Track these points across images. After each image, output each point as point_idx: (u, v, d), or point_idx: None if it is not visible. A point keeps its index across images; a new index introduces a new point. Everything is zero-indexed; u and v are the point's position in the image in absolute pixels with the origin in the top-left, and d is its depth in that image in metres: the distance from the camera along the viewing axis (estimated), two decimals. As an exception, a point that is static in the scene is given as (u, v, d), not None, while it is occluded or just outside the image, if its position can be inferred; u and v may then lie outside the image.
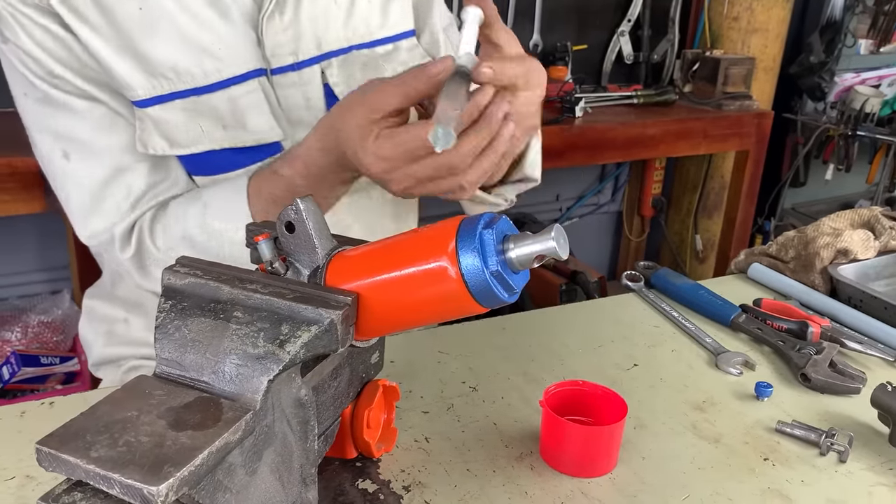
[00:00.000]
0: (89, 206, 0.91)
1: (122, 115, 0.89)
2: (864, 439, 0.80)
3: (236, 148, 0.91)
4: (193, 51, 0.87)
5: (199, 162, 0.92)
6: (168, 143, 0.89)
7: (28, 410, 0.79)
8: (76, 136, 0.89)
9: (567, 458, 0.72)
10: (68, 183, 0.91)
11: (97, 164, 0.90)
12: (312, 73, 0.93)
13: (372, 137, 0.74)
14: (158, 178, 0.92)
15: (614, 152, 2.47)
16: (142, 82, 0.86)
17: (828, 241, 1.12)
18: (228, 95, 0.89)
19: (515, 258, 0.55)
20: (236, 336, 0.54)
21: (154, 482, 0.44)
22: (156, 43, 0.85)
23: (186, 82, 0.87)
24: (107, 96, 0.88)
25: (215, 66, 0.88)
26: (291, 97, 0.93)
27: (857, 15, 3.11)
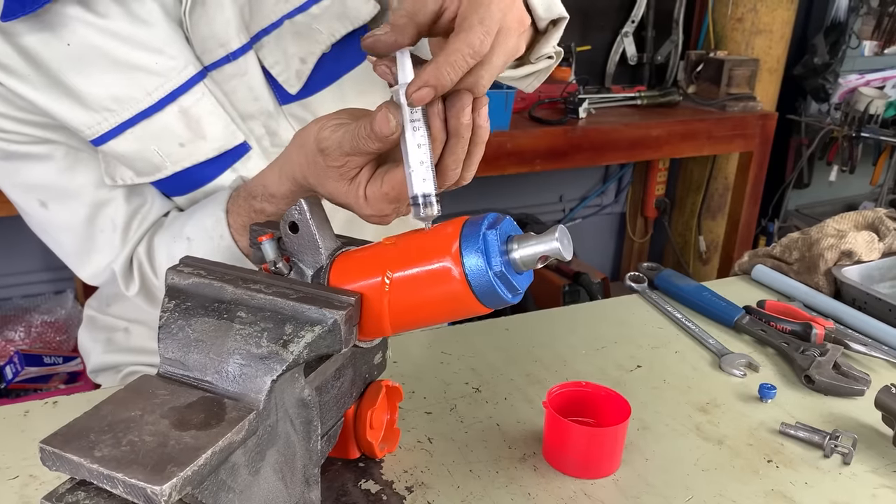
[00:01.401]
0: (82, 248, 0.90)
1: (84, 150, 0.87)
2: (867, 441, 0.79)
3: (202, 162, 0.87)
4: (128, 73, 0.82)
5: (170, 184, 0.89)
6: (134, 172, 0.87)
7: (31, 410, 0.79)
8: (47, 184, 0.87)
9: (570, 459, 0.72)
10: (54, 230, 0.90)
11: (76, 205, 0.88)
12: (248, 60, 0.86)
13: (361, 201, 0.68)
14: (137, 203, 0.90)
15: (618, 153, 2.47)
16: (86, 121, 0.82)
17: (832, 242, 1.11)
18: (178, 108, 0.84)
19: (519, 259, 0.55)
20: (240, 336, 0.54)
21: (157, 482, 0.44)
22: (88, 76, 0.81)
23: (131, 108, 0.83)
24: (63, 137, 0.85)
25: (155, 82, 0.83)
26: (235, 90, 0.87)
27: (861, 16, 3.10)
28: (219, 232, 0.83)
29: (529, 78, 0.89)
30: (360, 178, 0.67)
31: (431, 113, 0.61)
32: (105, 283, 0.94)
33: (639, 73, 2.95)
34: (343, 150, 0.65)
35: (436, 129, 0.61)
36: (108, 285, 0.95)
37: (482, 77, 0.61)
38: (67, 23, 0.79)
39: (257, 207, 0.81)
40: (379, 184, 0.66)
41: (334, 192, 0.69)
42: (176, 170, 0.87)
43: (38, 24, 0.79)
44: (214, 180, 0.89)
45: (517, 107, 2.33)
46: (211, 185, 0.90)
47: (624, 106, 2.58)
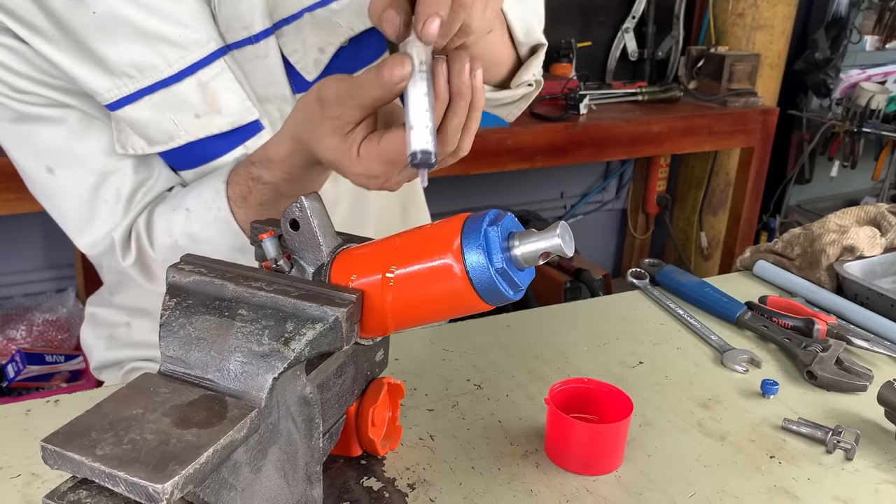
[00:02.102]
0: (84, 216, 0.90)
1: (98, 117, 0.87)
2: (870, 437, 0.79)
3: (215, 135, 0.89)
4: (152, 42, 0.83)
5: (180, 156, 0.90)
6: (146, 141, 0.87)
7: (33, 408, 0.79)
8: (57, 148, 0.87)
9: (572, 455, 0.72)
10: (58, 197, 0.90)
11: (83, 172, 0.88)
12: (269, 44, 0.89)
13: (353, 157, 0.68)
14: (144, 175, 0.90)
15: (619, 149, 2.47)
16: (106, 85, 0.83)
17: (834, 238, 1.11)
18: (197, 81, 0.86)
19: (521, 255, 0.55)
20: (241, 334, 0.54)
21: (159, 480, 0.44)
22: (112, 43, 0.82)
23: (151, 77, 0.84)
24: (78, 101, 0.86)
25: (177, 53, 0.84)
26: (255, 72, 0.90)
27: (862, 11, 3.10)
28: (217, 204, 0.84)
29: (510, 106, 0.92)
30: (355, 135, 0.67)
31: (436, 71, 0.61)
32: (102, 254, 0.93)
33: (639, 68, 2.95)
34: (341, 99, 0.65)
35: (440, 87, 0.62)
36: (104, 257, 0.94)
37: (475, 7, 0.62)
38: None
39: (255, 174, 0.82)
40: (375, 142, 0.66)
41: (328, 146, 0.69)
42: (189, 139, 0.88)
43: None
44: (225, 155, 0.91)
45: (518, 103, 2.32)
46: (221, 160, 0.91)
47: (625, 102, 2.58)
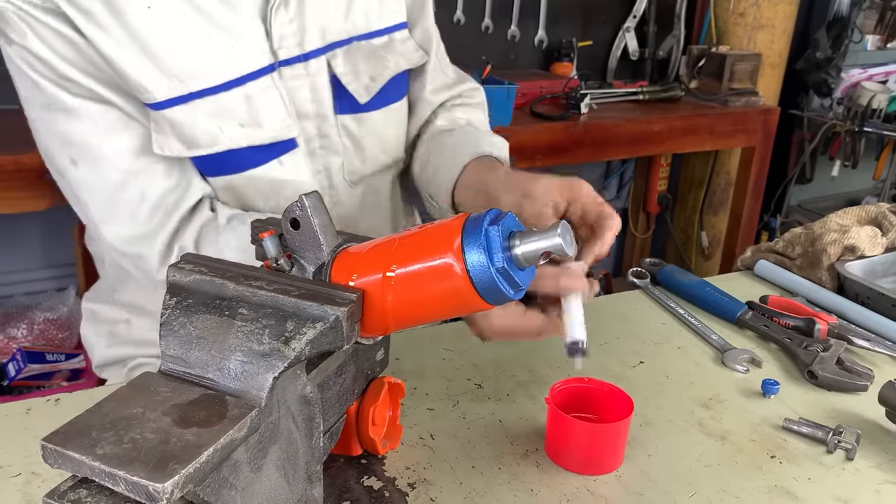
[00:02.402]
0: (104, 211, 0.90)
1: (135, 118, 0.88)
2: (871, 437, 0.79)
3: (253, 146, 0.91)
4: (207, 50, 0.86)
5: (216, 162, 0.91)
6: (184, 144, 0.87)
7: (34, 407, 0.79)
8: (84, 143, 0.86)
9: (573, 455, 0.72)
10: (81, 189, 0.90)
11: (108, 169, 0.87)
12: (319, 64, 0.93)
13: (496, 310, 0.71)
14: (172, 182, 0.90)
15: (620, 149, 2.46)
16: (158, 84, 0.84)
17: (835, 237, 1.11)
18: (244, 93, 0.88)
19: (521, 255, 0.55)
20: (241, 333, 0.54)
21: (159, 479, 0.44)
22: (169, 44, 0.84)
23: (201, 83, 0.86)
24: (119, 99, 0.86)
25: (230, 64, 0.87)
26: (300, 89, 0.93)
27: (864, 10, 3.09)
28: None
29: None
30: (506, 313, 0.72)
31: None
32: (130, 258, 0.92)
33: (640, 68, 2.95)
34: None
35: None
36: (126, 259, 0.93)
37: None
38: None
39: None
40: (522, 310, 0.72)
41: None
42: (231, 146, 0.89)
43: None
44: (259, 167, 0.93)
45: (518, 102, 2.32)
46: (254, 171, 0.93)
47: (626, 101, 2.58)
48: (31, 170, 1.61)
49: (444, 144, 1.01)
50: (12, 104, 0.90)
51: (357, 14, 0.96)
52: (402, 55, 1.02)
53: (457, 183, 0.93)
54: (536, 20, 2.72)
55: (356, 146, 1.01)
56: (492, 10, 2.62)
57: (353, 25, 0.96)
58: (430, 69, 1.08)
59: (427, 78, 1.08)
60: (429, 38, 1.08)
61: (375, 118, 1.01)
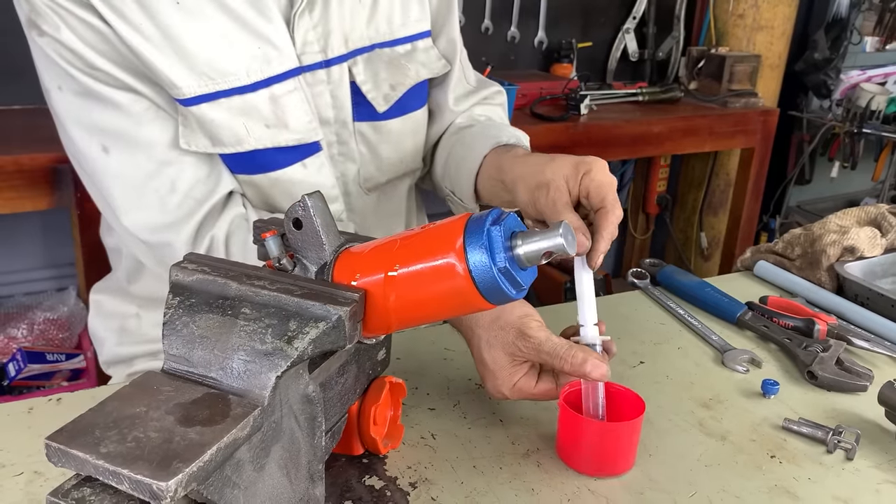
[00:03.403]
0: (132, 199, 0.89)
1: (165, 109, 0.88)
2: (871, 437, 0.79)
3: (278, 147, 0.91)
4: (236, 51, 0.86)
5: (241, 160, 0.91)
6: (211, 141, 0.88)
7: (36, 407, 0.79)
8: (117, 130, 0.87)
9: (585, 456, 0.72)
10: (108, 177, 0.89)
11: (141, 157, 0.88)
12: (341, 70, 0.94)
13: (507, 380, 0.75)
14: (202, 174, 0.90)
15: (619, 150, 2.46)
16: (187, 81, 0.85)
17: (834, 238, 1.11)
18: (270, 94, 0.89)
19: (523, 255, 0.55)
20: (244, 332, 0.54)
21: (163, 477, 0.44)
22: (198, 42, 0.85)
23: (229, 82, 0.86)
24: (149, 90, 0.87)
25: (257, 65, 0.87)
26: (319, 96, 0.93)
27: (863, 12, 3.10)
28: None
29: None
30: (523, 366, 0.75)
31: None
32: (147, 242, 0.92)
33: (640, 69, 2.95)
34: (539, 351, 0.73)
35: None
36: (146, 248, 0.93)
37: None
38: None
39: None
40: (532, 383, 0.75)
41: (496, 359, 0.76)
42: (256, 147, 0.90)
43: None
44: (284, 169, 0.93)
45: (519, 103, 2.32)
46: (278, 172, 0.93)
47: (625, 102, 2.58)
48: (32, 170, 1.61)
49: (464, 139, 1.02)
50: (12, 104, 0.90)
51: (380, 20, 0.97)
52: (423, 64, 1.02)
53: (478, 174, 0.94)
54: (536, 21, 2.73)
55: (373, 154, 1.01)
56: (492, 11, 2.62)
57: (375, 32, 0.96)
58: (453, 78, 1.08)
59: (450, 87, 1.08)
60: (454, 48, 1.07)
61: (393, 126, 1.01)
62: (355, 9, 0.94)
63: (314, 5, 0.90)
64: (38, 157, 0.90)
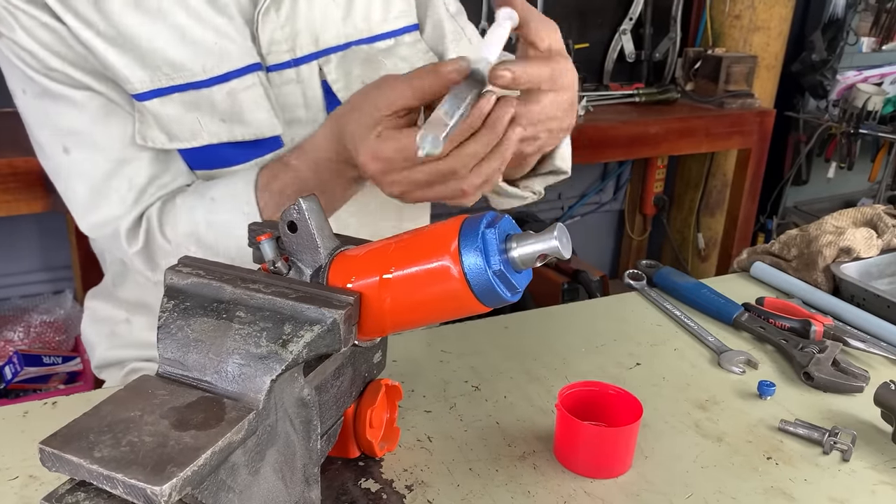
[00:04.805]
0: (92, 199, 0.90)
1: (121, 105, 0.88)
2: (867, 438, 0.79)
3: (235, 142, 0.90)
4: (191, 46, 0.86)
5: (199, 156, 0.91)
6: (167, 136, 0.88)
7: (31, 410, 0.79)
8: (76, 129, 0.88)
9: (582, 459, 0.72)
10: (70, 177, 0.90)
11: (99, 156, 0.89)
12: (310, 70, 0.92)
13: (373, 135, 0.73)
14: (160, 169, 0.91)
15: (616, 151, 2.47)
16: (139, 76, 0.85)
17: (830, 239, 1.11)
18: (228, 89, 0.88)
19: (518, 257, 0.55)
20: (239, 336, 0.54)
21: (157, 482, 0.44)
22: (152, 38, 0.84)
23: (185, 77, 0.86)
24: (105, 87, 0.87)
25: (213, 61, 0.87)
26: (289, 95, 0.92)
27: (859, 13, 3.11)
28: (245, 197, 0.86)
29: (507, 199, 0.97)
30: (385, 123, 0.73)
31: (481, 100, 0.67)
32: (105, 239, 0.94)
33: (637, 70, 2.95)
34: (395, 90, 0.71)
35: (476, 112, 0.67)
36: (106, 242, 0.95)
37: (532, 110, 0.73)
38: None
39: (284, 159, 0.86)
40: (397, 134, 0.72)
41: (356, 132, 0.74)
42: (211, 141, 0.89)
43: None
44: (240, 164, 0.92)
45: (515, 105, 2.32)
46: (237, 167, 0.92)
47: (622, 103, 2.58)
48: (27, 172, 1.61)
49: None
50: (3, 107, 0.91)
51: (357, 18, 0.95)
52: (404, 59, 0.99)
53: None
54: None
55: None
56: (488, 13, 2.63)
57: (353, 29, 0.95)
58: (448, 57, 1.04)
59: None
60: (441, 33, 1.04)
61: None
62: (328, 8, 0.93)
63: (280, 4, 0.89)
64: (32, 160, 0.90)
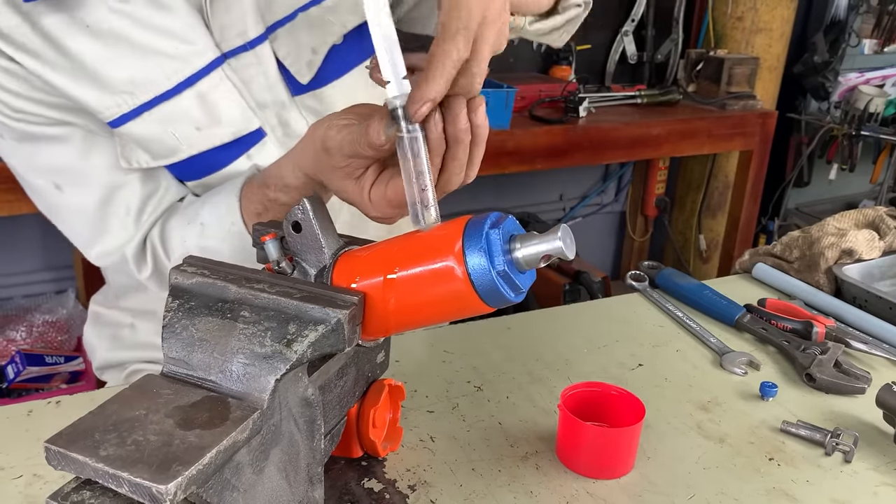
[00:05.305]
0: (93, 230, 0.90)
1: (100, 133, 0.87)
2: (869, 439, 0.80)
3: (218, 146, 0.89)
4: (148, 57, 0.83)
5: (185, 168, 0.90)
6: (150, 155, 0.87)
7: (35, 409, 0.79)
8: (62, 166, 0.87)
9: (584, 460, 0.72)
10: (68, 213, 0.90)
11: (91, 188, 0.88)
12: (264, 50, 0.88)
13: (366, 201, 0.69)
14: (152, 187, 0.90)
15: (618, 152, 2.47)
16: (105, 103, 0.83)
17: (832, 241, 1.11)
18: (196, 92, 0.85)
19: (522, 258, 0.55)
20: (243, 335, 0.54)
21: (163, 481, 0.44)
22: (109, 61, 0.82)
23: (149, 91, 0.84)
24: (80, 119, 0.85)
25: (175, 66, 0.84)
26: (252, 79, 0.89)
27: (861, 14, 3.10)
28: (230, 219, 0.85)
29: (558, 31, 0.90)
30: (364, 180, 0.68)
31: (428, 125, 0.61)
32: (113, 266, 0.93)
33: (639, 71, 2.95)
34: (344, 152, 0.67)
35: (434, 137, 0.61)
36: (116, 269, 0.94)
37: (475, 76, 0.62)
38: (87, 4, 0.80)
39: (271, 196, 0.82)
40: (383, 188, 0.67)
41: (341, 189, 0.70)
42: (192, 153, 0.88)
43: (58, 5, 0.79)
44: (229, 165, 0.91)
45: (517, 106, 2.33)
46: (226, 170, 0.91)
47: (624, 105, 2.58)
48: (31, 172, 1.61)
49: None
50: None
51: None
52: (351, 11, 0.91)
53: None
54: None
55: None
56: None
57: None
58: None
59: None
60: None
61: (337, 89, 0.93)
62: None
63: None
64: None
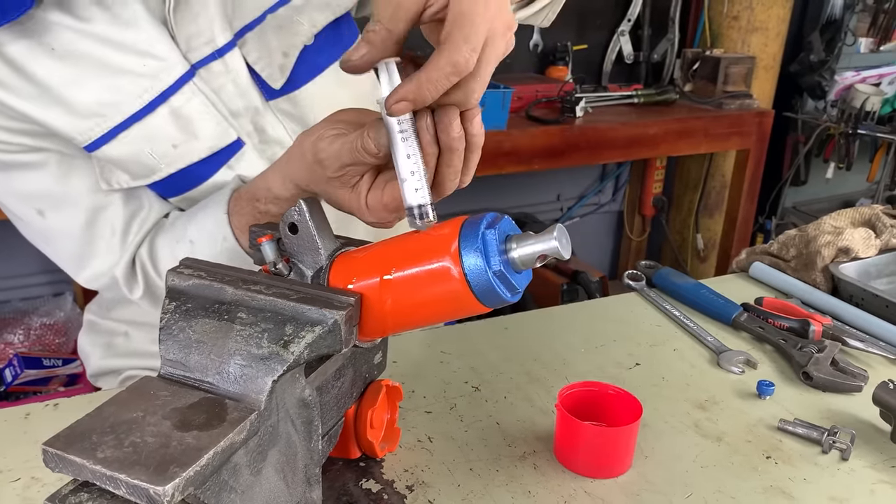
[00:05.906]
0: (80, 254, 0.89)
1: (78, 156, 0.85)
2: (865, 437, 0.80)
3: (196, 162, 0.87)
4: (117, 77, 0.81)
5: (166, 185, 0.89)
6: (129, 175, 0.86)
7: (33, 412, 0.79)
8: (43, 192, 0.86)
9: (582, 459, 0.72)
10: (54, 238, 0.90)
11: (73, 211, 0.87)
12: (234, 56, 0.86)
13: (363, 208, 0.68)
14: (135, 206, 0.89)
15: (615, 152, 2.47)
16: (78, 128, 0.81)
17: (829, 239, 1.12)
18: (169, 109, 0.83)
19: (518, 258, 0.55)
20: (240, 337, 0.54)
21: (160, 482, 0.44)
22: (78, 85, 0.80)
23: (122, 112, 0.82)
24: (56, 144, 0.84)
25: (144, 84, 0.81)
26: (224, 87, 0.86)
27: (857, 13, 3.11)
28: (222, 234, 0.83)
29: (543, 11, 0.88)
30: (360, 187, 0.67)
31: (420, 127, 0.60)
32: (104, 288, 0.93)
33: (635, 71, 2.96)
34: (341, 161, 0.66)
35: (425, 142, 0.61)
36: (107, 290, 0.94)
37: (473, 91, 0.60)
38: (51, 29, 0.78)
39: (262, 209, 0.80)
40: (379, 193, 0.66)
41: (336, 199, 0.70)
42: (171, 171, 0.86)
43: (22, 32, 0.77)
44: (210, 179, 0.89)
45: (514, 106, 2.33)
46: (207, 183, 0.89)
47: (621, 104, 2.59)
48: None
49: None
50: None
51: None
52: (322, 8, 0.88)
53: None
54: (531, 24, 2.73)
55: (303, 125, 0.92)
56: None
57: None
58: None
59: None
60: None
61: (311, 91, 0.91)
62: None
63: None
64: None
